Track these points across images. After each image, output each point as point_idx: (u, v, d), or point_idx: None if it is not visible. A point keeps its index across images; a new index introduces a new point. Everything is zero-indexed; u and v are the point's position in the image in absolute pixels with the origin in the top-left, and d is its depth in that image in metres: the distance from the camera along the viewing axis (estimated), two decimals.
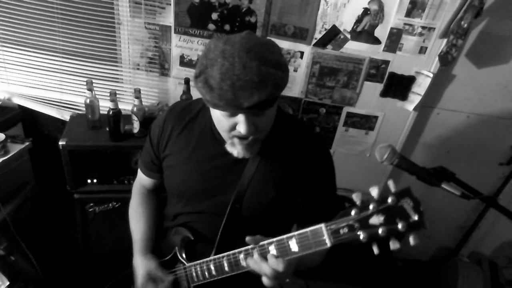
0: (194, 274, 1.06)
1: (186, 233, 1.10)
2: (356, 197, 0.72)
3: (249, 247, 0.90)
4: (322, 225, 0.76)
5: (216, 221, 1.04)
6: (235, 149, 0.93)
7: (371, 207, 0.69)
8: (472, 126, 2.10)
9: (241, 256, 0.92)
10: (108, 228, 1.86)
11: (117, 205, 1.85)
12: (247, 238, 0.87)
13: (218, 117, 0.90)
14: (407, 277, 2.60)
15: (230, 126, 0.88)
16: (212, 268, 1.00)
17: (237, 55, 0.78)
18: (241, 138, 0.90)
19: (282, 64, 0.83)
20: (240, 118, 0.85)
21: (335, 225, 0.74)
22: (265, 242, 0.87)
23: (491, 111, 2.06)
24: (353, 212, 0.71)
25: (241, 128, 0.85)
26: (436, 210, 2.41)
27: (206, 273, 1.02)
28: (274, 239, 0.85)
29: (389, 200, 0.67)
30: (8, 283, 1.62)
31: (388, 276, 2.43)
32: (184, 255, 1.08)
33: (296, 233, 0.81)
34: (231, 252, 0.95)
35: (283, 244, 0.83)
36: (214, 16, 1.80)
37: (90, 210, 1.84)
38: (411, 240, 0.66)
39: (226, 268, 0.96)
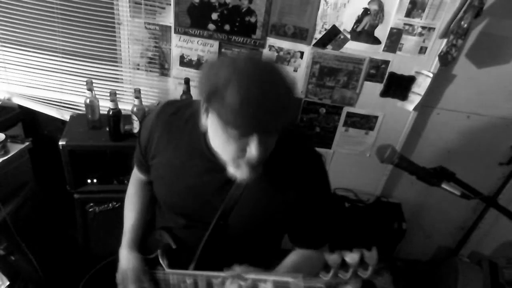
0: (171, 281, 1.07)
1: (169, 240, 1.10)
2: (335, 258, 0.67)
3: (225, 274, 0.88)
4: (299, 278, 0.74)
5: (200, 234, 1.02)
6: (239, 172, 0.84)
7: (347, 275, 0.66)
8: (472, 126, 2.10)
9: (216, 281, 0.92)
10: (108, 228, 1.86)
11: (117, 205, 1.85)
12: (235, 267, 0.86)
13: (224, 141, 0.81)
14: (407, 277, 2.60)
15: (238, 151, 0.80)
16: (187, 282, 1.00)
17: (251, 78, 0.72)
18: (250, 162, 0.81)
19: (291, 85, 0.79)
20: (253, 142, 0.77)
21: (309, 282, 0.72)
22: (242, 274, 0.85)
23: (491, 111, 2.06)
24: (328, 276, 0.68)
25: (253, 152, 0.77)
26: (436, 210, 2.42)
27: (181, 285, 1.03)
28: (251, 276, 0.83)
29: (368, 273, 0.65)
30: (8, 283, 1.62)
31: (388, 276, 2.43)
32: (165, 261, 1.09)
33: (272, 278, 0.80)
34: (208, 273, 0.94)
35: (257, 285, 0.82)
36: (214, 16, 1.80)
37: (90, 210, 1.84)
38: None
39: (199, 287, 0.98)
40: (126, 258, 1.14)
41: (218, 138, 0.84)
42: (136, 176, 1.27)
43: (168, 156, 1.01)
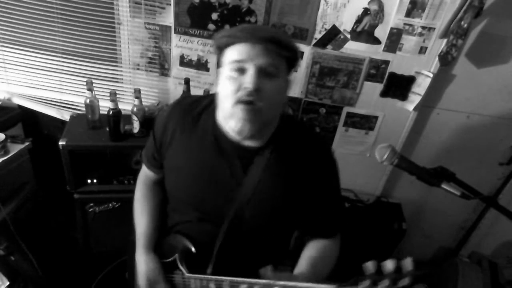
0: (192, 286, 1.05)
1: (187, 243, 1.07)
2: (371, 266, 0.69)
3: (253, 281, 0.88)
4: (334, 287, 0.74)
5: (216, 231, 1.02)
6: (234, 120, 0.89)
7: (385, 283, 0.65)
8: (472, 126, 2.10)
9: (244, 286, 0.91)
10: (108, 228, 1.86)
11: (117, 205, 1.85)
12: (261, 270, 0.87)
13: (225, 79, 0.90)
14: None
15: (236, 88, 0.87)
16: (212, 287, 0.99)
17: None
18: (245, 102, 0.87)
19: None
20: (248, 72, 0.86)
21: None
22: (271, 282, 0.85)
23: (491, 111, 2.06)
24: (366, 284, 0.67)
25: (248, 81, 0.86)
26: (436, 210, 2.42)
27: None
28: (282, 283, 0.83)
29: (406, 281, 0.64)
30: (8, 283, 1.62)
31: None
32: (184, 265, 1.06)
33: (304, 284, 0.80)
34: (234, 278, 0.93)
35: None
36: (214, 16, 1.80)
37: (90, 210, 1.84)
38: None
39: None
40: (145, 261, 1.10)
41: (220, 83, 0.92)
42: (143, 178, 1.24)
43: (181, 147, 1.03)
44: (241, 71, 0.87)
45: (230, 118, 0.91)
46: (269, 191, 0.98)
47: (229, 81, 0.89)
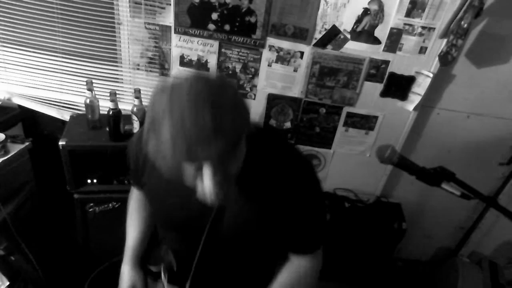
0: None
1: (172, 260, 1.11)
2: None
3: None
4: None
5: (193, 249, 1.02)
6: (207, 198, 0.76)
7: None
8: (472, 126, 2.10)
9: None
10: (108, 228, 1.86)
11: (117, 205, 1.85)
12: None
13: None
14: (407, 277, 2.60)
15: (195, 180, 0.75)
16: None
17: (186, 106, 0.66)
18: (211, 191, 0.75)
19: (239, 105, 0.72)
20: (206, 176, 0.72)
21: None
22: None
23: (491, 111, 2.06)
24: None
25: (207, 184, 0.72)
26: (436, 210, 2.42)
27: None
28: None
29: None
30: (8, 283, 1.62)
31: (388, 276, 2.43)
32: (166, 278, 1.12)
33: None
34: None
35: None
36: (214, 16, 1.80)
37: (90, 210, 1.84)
38: None
39: None
40: (128, 275, 1.16)
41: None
42: (134, 191, 1.27)
43: (154, 172, 0.98)
44: (197, 169, 0.74)
45: (200, 194, 0.78)
46: (243, 212, 0.95)
47: (186, 173, 0.75)
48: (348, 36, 1.84)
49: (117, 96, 1.73)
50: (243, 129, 0.73)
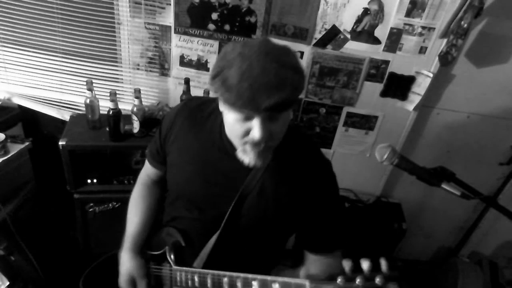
0: (178, 278, 1.08)
1: (178, 237, 1.10)
2: (346, 265, 0.72)
3: (234, 274, 0.92)
4: (307, 282, 0.76)
5: (211, 228, 1.03)
6: (247, 157, 0.88)
7: (357, 280, 0.68)
8: (472, 126, 2.10)
9: (225, 279, 0.94)
10: (108, 228, 1.86)
11: (117, 205, 1.85)
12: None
13: (232, 122, 0.85)
14: (407, 277, 2.60)
15: (244, 132, 0.84)
16: (196, 280, 1.02)
17: (255, 57, 0.76)
18: (254, 144, 0.85)
19: (299, 68, 0.83)
20: (255, 123, 0.81)
21: (319, 285, 0.74)
22: (250, 276, 0.89)
23: (491, 111, 2.06)
24: (339, 280, 0.69)
25: (256, 133, 0.81)
26: (436, 210, 2.42)
27: (189, 282, 1.04)
28: (259, 277, 0.88)
29: (377, 280, 0.67)
30: (8, 283, 1.62)
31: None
32: (172, 258, 1.10)
33: (280, 279, 0.84)
34: (217, 272, 0.97)
35: (266, 284, 0.86)
36: (214, 16, 1.80)
37: (90, 210, 1.84)
38: None
39: (209, 285, 0.99)
40: (128, 260, 1.14)
41: (226, 122, 0.89)
42: (143, 178, 1.27)
43: (187, 143, 1.05)
44: (247, 118, 0.83)
45: (240, 151, 0.89)
46: (269, 195, 0.99)
47: (235, 123, 0.85)
48: (348, 36, 1.83)
49: (117, 96, 1.73)
50: (299, 92, 0.83)
